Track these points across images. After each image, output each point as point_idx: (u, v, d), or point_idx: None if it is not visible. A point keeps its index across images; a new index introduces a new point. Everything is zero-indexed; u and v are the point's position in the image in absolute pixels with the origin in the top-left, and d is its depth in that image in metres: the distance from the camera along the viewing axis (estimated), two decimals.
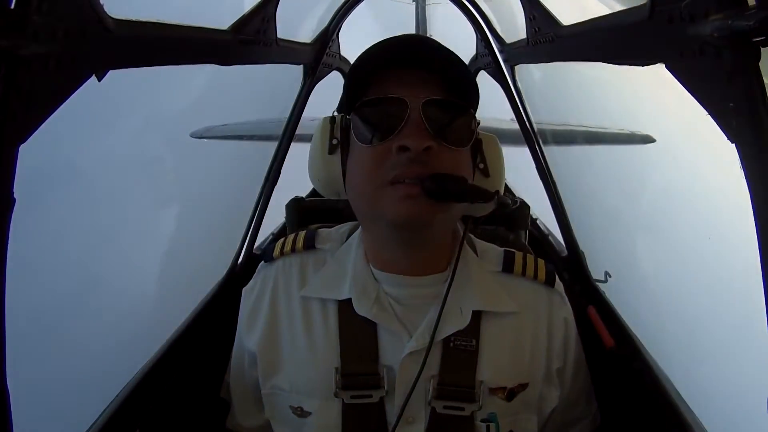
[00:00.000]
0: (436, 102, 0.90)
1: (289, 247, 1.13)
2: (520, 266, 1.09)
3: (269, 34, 1.48)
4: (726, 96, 0.71)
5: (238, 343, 1.16)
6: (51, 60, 0.70)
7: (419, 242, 0.98)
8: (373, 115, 0.92)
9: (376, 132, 0.91)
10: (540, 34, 1.46)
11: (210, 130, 4.84)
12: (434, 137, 0.88)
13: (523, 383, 1.03)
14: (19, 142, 0.69)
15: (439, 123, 0.90)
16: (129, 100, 4.65)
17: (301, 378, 1.03)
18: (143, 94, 5.08)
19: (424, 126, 0.88)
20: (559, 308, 1.09)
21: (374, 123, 0.91)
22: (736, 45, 0.67)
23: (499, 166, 1.05)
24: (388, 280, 1.01)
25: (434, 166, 0.88)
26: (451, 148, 0.91)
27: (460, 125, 0.93)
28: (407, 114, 0.88)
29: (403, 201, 0.87)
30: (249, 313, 1.12)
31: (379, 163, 0.90)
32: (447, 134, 0.90)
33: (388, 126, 0.89)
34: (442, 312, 0.97)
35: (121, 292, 4.90)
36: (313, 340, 1.03)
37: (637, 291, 1.99)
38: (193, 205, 6.30)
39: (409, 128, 0.88)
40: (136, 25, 0.89)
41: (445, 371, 0.99)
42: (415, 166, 0.87)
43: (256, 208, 2.09)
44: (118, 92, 3.98)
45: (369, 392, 0.98)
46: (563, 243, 2.10)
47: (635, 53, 0.96)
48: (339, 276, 1.05)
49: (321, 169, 1.03)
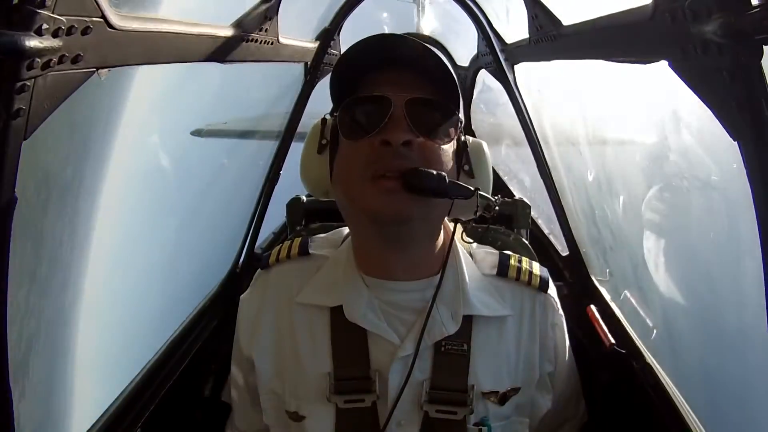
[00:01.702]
0: (419, 101, 0.92)
1: (284, 254, 1.14)
2: (515, 271, 1.09)
3: (271, 33, 1.48)
4: (728, 94, 0.71)
5: (236, 350, 1.17)
6: (54, 57, 0.70)
7: (402, 240, 0.98)
8: (359, 112, 0.94)
9: (361, 128, 0.93)
10: (542, 32, 1.46)
11: (210, 129, 4.83)
12: (416, 133, 0.90)
13: (515, 387, 1.04)
14: (23, 139, 0.69)
15: (422, 119, 0.91)
16: (128, 99, 4.64)
17: (295, 383, 1.04)
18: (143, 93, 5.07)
19: (407, 122, 0.90)
20: (551, 314, 1.10)
21: (359, 119, 0.93)
22: (738, 43, 0.67)
23: (484, 169, 1.04)
24: (378, 286, 1.02)
25: (415, 161, 0.89)
26: (433, 143, 0.92)
27: (442, 122, 0.94)
28: (391, 111, 0.90)
29: (384, 195, 0.88)
30: (246, 320, 1.13)
31: (363, 158, 0.91)
32: (429, 130, 0.92)
33: (371, 122, 0.91)
34: (432, 317, 0.97)
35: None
36: (306, 346, 1.04)
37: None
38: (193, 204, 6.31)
39: (392, 124, 0.90)
40: (137, 24, 0.89)
41: (437, 375, 1.00)
42: (397, 160, 0.88)
43: (257, 208, 2.09)
44: (117, 90, 3.97)
45: (361, 396, 0.99)
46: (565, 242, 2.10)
47: (638, 51, 0.96)
48: (331, 282, 1.06)
49: (310, 168, 1.05)
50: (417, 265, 1.01)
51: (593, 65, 1.18)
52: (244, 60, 1.42)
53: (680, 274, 2.12)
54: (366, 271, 1.02)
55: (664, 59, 0.85)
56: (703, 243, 2.17)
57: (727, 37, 0.67)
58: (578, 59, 1.25)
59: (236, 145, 4.50)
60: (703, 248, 2.18)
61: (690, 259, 2.26)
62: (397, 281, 1.01)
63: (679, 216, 2.04)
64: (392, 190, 0.88)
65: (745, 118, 0.70)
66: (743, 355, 1.93)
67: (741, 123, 0.71)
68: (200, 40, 1.14)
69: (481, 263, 1.10)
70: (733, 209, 1.70)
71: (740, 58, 0.68)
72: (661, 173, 2.03)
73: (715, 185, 1.84)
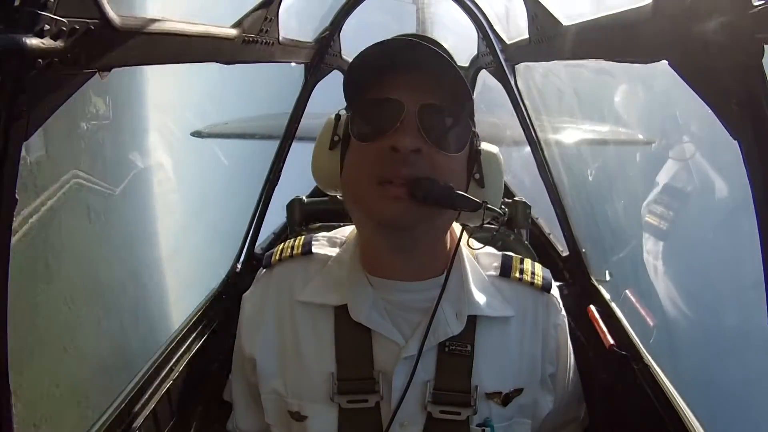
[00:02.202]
0: (433, 107, 0.90)
1: (287, 253, 1.13)
2: (518, 271, 1.09)
3: (271, 33, 1.48)
4: (729, 93, 0.71)
5: (237, 349, 1.16)
6: (56, 58, 0.70)
7: (407, 245, 0.97)
8: (371, 114, 0.93)
9: (372, 130, 0.91)
10: (542, 32, 1.46)
11: (210, 129, 4.83)
12: (426, 140, 0.89)
13: (518, 388, 1.04)
14: (24, 140, 0.69)
15: (434, 127, 0.90)
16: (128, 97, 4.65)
17: (298, 383, 1.04)
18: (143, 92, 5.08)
19: (418, 129, 0.88)
20: (554, 315, 1.10)
21: (371, 122, 0.92)
22: (739, 42, 0.67)
23: (496, 179, 1.02)
24: (383, 286, 1.01)
25: (423, 170, 0.88)
26: (443, 153, 0.90)
27: (454, 131, 0.92)
28: (403, 116, 0.89)
29: (389, 202, 0.88)
30: (248, 319, 1.13)
31: (372, 161, 0.90)
32: (440, 139, 0.90)
33: (383, 126, 0.90)
34: (437, 318, 0.97)
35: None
36: (309, 346, 1.04)
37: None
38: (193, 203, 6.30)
39: (403, 130, 0.88)
40: (139, 24, 0.89)
41: (441, 376, 1.00)
42: (405, 167, 0.87)
43: (257, 208, 2.09)
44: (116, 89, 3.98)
45: (365, 397, 0.99)
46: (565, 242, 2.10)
47: (638, 51, 0.96)
48: (335, 281, 1.05)
49: (321, 163, 1.04)
50: (422, 267, 1.01)
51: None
52: (244, 61, 1.42)
53: (680, 274, 2.12)
54: (371, 270, 1.02)
55: (664, 58, 0.85)
56: (704, 243, 2.17)
57: (727, 35, 0.67)
58: (578, 59, 1.25)
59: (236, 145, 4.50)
60: (703, 248, 2.18)
61: (690, 260, 2.26)
62: (403, 281, 1.01)
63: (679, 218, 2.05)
64: (398, 198, 0.87)
65: (745, 117, 0.70)
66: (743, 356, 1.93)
67: (741, 122, 0.71)
68: (201, 41, 1.14)
69: (484, 264, 1.10)
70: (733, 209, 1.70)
71: (740, 58, 0.68)
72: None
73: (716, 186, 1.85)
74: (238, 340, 1.15)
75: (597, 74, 3.47)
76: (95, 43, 0.77)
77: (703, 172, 6.05)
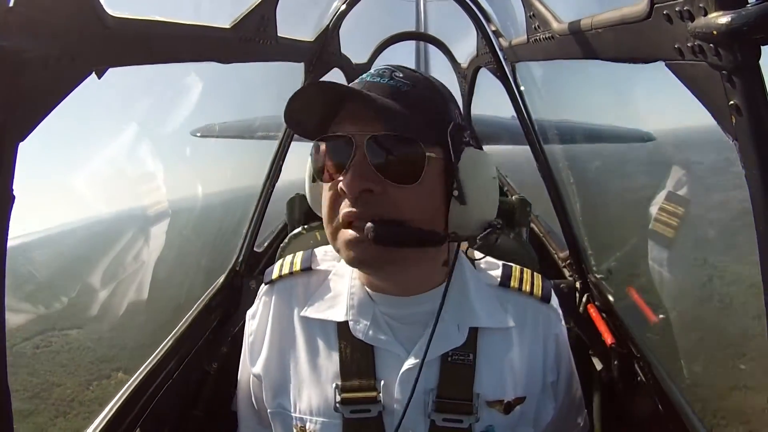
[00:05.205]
0: (379, 138, 0.85)
1: (287, 270, 1.14)
2: (517, 281, 1.10)
3: (269, 31, 1.48)
4: (726, 94, 0.71)
5: (243, 365, 1.18)
6: (51, 58, 0.70)
7: (390, 275, 0.97)
8: (323, 153, 0.91)
9: (328, 171, 0.90)
10: (540, 32, 1.45)
11: (210, 129, 4.82)
12: (377, 177, 0.85)
13: (521, 397, 1.04)
14: (19, 140, 0.69)
15: (386, 160, 0.85)
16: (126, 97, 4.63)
17: (303, 397, 1.05)
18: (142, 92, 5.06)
19: (368, 164, 0.85)
20: (554, 325, 1.10)
21: (327, 161, 0.90)
22: (735, 43, 0.67)
23: (479, 189, 0.92)
24: (383, 301, 1.02)
25: (379, 210, 0.85)
26: (400, 186, 0.86)
27: (405, 161, 0.86)
28: (353, 152, 0.85)
29: (353, 245, 0.87)
30: (252, 336, 1.14)
31: (334, 202, 0.89)
32: (391, 172, 0.85)
33: (337, 165, 0.88)
34: (438, 330, 0.96)
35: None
36: (314, 360, 1.05)
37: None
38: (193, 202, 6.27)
39: (354, 168, 0.85)
40: (135, 23, 0.89)
41: (444, 385, 1.00)
42: (360, 207, 0.85)
43: (257, 207, 2.09)
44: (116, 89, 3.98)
45: (368, 407, 1.00)
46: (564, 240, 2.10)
47: (635, 51, 0.95)
48: (336, 297, 1.06)
49: (309, 194, 1.04)
50: (419, 283, 1.01)
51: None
52: (243, 59, 1.42)
53: (680, 273, 2.11)
54: (370, 286, 1.03)
55: (661, 59, 0.85)
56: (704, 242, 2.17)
57: (724, 36, 0.67)
58: (576, 59, 1.25)
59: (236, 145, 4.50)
60: (703, 247, 2.18)
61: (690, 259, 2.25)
62: (402, 296, 1.01)
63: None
64: (360, 240, 0.85)
65: (742, 118, 0.69)
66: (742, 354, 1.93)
67: (738, 123, 0.70)
68: (198, 40, 1.14)
69: (484, 274, 1.11)
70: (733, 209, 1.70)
71: (738, 58, 0.68)
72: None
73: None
74: (243, 357, 1.16)
75: (597, 70, 3.46)
76: (90, 42, 0.77)
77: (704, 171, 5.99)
